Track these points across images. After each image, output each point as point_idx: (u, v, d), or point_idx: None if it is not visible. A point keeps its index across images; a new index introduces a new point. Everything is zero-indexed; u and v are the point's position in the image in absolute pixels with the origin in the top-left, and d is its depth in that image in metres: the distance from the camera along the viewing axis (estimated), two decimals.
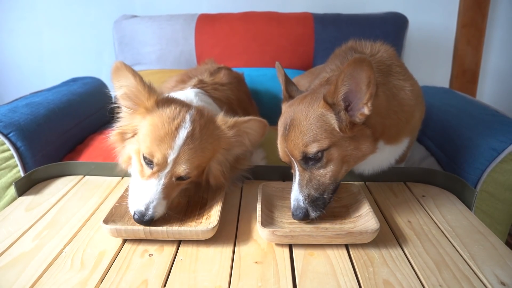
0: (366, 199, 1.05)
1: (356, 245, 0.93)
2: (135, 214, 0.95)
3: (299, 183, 0.98)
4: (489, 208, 1.37)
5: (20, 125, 1.40)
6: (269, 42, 2.16)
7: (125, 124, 1.08)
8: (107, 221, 0.94)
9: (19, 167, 1.38)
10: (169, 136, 0.98)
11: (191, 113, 1.05)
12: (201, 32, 2.18)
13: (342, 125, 0.95)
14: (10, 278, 0.81)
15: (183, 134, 0.99)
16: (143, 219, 0.94)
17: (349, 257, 0.89)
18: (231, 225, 1.03)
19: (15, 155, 1.36)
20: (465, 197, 1.16)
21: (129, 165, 1.14)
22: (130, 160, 1.11)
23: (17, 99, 1.64)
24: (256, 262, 0.87)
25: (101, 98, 2.04)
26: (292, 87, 1.13)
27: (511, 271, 0.84)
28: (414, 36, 2.44)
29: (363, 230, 0.92)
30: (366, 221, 0.96)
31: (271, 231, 0.90)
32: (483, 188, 1.34)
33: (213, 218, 0.99)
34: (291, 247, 0.93)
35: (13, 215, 1.08)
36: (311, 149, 0.94)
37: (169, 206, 1.01)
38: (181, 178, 1.02)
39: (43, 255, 0.89)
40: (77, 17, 2.56)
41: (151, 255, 0.90)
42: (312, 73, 1.74)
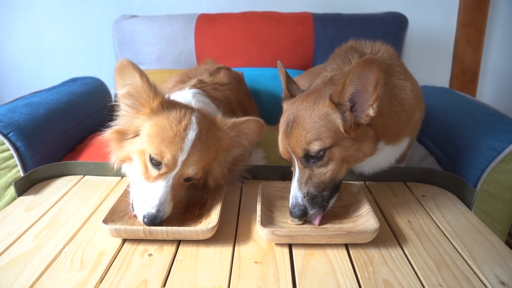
0: (366, 198, 1.05)
1: (356, 245, 0.93)
2: (145, 217, 0.93)
3: (298, 180, 0.97)
4: (489, 207, 1.37)
5: (19, 125, 1.40)
6: (269, 42, 2.16)
7: (126, 123, 1.07)
8: (106, 221, 0.94)
9: (19, 167, 1.38)
10: (179, 137, 0.98)
11: (196, 115, 1.05)
12: (200, 32, 2.18)
13: (346, 125, 0.95)
14: (10, 278, 0.81)
15: (191, 135, 1.00)
16: (155, 222, 0.93)
17: (349, 257, 0.89)
18: (231, 225, 1.03)
19: (15, 155, 1.36)
20: (465, 197, 1.16)
21: (122, 163, 1.13)
22: (126, 160, 1.10)
23: (16, 99, 1.64)
24: (256, 262, 0.87)
25: (101, 98, 2.04)
26: (293, 85, 1.13)
27: (511, 270, 0.83)
28: (414, 36, 2.44)
29: (363, 229, 0.92)
30: (366, 220, 0.96)
31: (271, 231, 0.90)
32: (483, 187, 1.34)
33: (213, 218, 0.99)
34: (291, 247, 0.93)
35: (12, 215, 1.08)
36: (314, 147, 0.94)
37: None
38: (189, 179, 1.02)
39: (43, 255, 0.89)
40: (77, 17, 2.56)
41: (150, 255, 0.89)
42: (311, 73, 1.74)
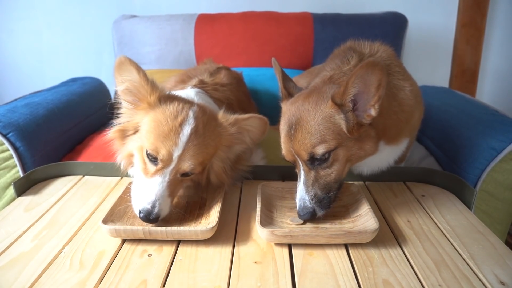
0: (365, 199, 1.05)
1: (355, 245, 0.93)
2: (140, 212, 0.94)
3: (304, 183, 0.97)
4: (489, 207, 1.37)
5: (19, 125, 1.40)
6: (268, 42, 2.16)
7: (126, 120, 1.08)
8: (106, 221, 0.94)
9: (18, 167, 1.38)
10: (174, 132, 0.98)
11: (194, 109, 1.05)
12: (200, 32, 2.18)
13: (349, 126, 0.95)
14: (9, 278, 0.81)
15: (187, 130, 0.99)
16: (149, 218, 0.93)
17: (349, 257, 0.89)
18: (231, 225, 1.03)
19: (14, 155, 1.36)
20: (465, 196, 1.16)
21: (129, 165, 1.14)
22: (130, 158, 1.11)
23: (16, 99, 1.64)
24: (255, 262, 0.87)
25: (100, 98, 2.04)
26: (289, 83, 1.12)
27: (511, 270, 0.83)
28: (413, 36, 2.44)
29: (362, 230, 0.91)
30: (365, 220, 0.96)
31: (271, 231, 0.90)
32: (482, 187, 1.34)
33: (212, 218, 0.99)
34: (290, 247, 0.93)
35: (12, 215, 1.08)
36: (319, 150, 0.94)
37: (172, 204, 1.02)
38: (186, 174, 1.02)
39: (42, 255, 0.89)
40: (77, 17, 2.56)
41: (150, 255, 0.89)
42: (310, 73, 1.74)
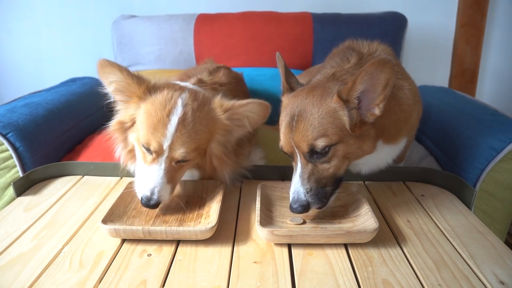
0: (365, 198, 1.05)
1: (355, 245, 0.93)
2: (142, 199, 0.99)
3: (300, 176, 0.96)
4: (489, 207, 1.37)
5: (19, 126, 1.40)
6: (268, 41, 2.16)
7: (123, 114, 1.11)
8: (105, 221, 0.94)
9: (18, 168, 1.38)
10: (162, 123, 1.01)
11: (184, 96, 1.06)
12: (200, 32, 2.18)
13: (352, 123, 0.95)
14: (9, 278, 0.81)
15: (174, 120, 1.02)
16: (149, 204, 0.98)
17: (348, 256, 0.89)
18: (230, 225, 1.03)
19: (14, 155, 1.36)
20: (465, 196, 1.16)
21: (128, 160, 1.17)
22: (131, 153, 1.14)
23: (16, 99, 1.64)
24: (255, 262, 0.87)
25: (100, 98, 2.04)
26: (292, 78, 1.11)
27: (511, 270, 0.83)
28: (413, 35, 2.44)
29: (362, 229, 0.91)
30: (365, 220, 0.96)
31: (270, 230, 0.90)
32: (482, 187, 1.34)
33: (212, 218, 0.99)
34: (290, 246, 0.93)
35: (11, 215, 1.08)
36: (320, 143, 0.93)
37: (174, 191, 1.05)
38: (181, 161, 1.04)
39: (42, 255, 0.89)
40: (76, 17, 2.56)
41: (149, 255, 0.89)
42: (309, 73, 1.74)
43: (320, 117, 0.94)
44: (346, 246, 0.93)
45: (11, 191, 1.36)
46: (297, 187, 0.96)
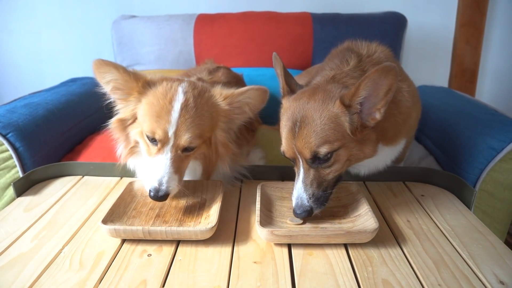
0: (365, 198, 1.05)
1: (355, 245, 0.93)
2: (150, 191, 0.98)
3: (303, 181, 0.97)
4: (488, 207, 1.37)
5: (18, 126, 1.40)
6: (268, 42, 2.16)
7: (124, 112, 1.12)
8: (105, 221, 0.94)
9: (18, 168, 1.38)
10: (165, 111, 1.01)
11: (183, 85, 1.07)
12: (200, 32, 2.18)
13: (353, 127, 0.95)
14: (9, 278, 0.81)
15: (177, 106, 1.02)
16: (158, 195, 0.97)
17: (348, 256, 0.89)
18: (230, 225, 1.03)
19: (14, 155, 1.36)
20: (464, 196, 1.16)
21: (128, 155, 1.17)
22: (132, 149, 1.14)
23: (15, 100, 1.64)
24: (255, 262, 0.87)
25: (100, 98, 2.04)
26: (291, 80, 1.11)
27: (510, 270, 0.84)
28: (413, 35, 2.44)
29: (362, 229, 0.92)
30: (365, 220, 0.96)
31: (270, 231, 0.90)
32: (482, 187, 1.34)
33: (212, 218, 0.99)
34: (290, 247, 0.93)
35: (11, 215, 1.08)
36: (323, 150, 0.93)
37: (181, 182, 1.05)
38: (187, 149, 1.04)
39: (42, 256, 0.89)
40: (76, 17, 2.56)
41: (149, 255, 0.89)
42: (309, 73, 1.74)
43: (322, 123, 0.94)
44: (346, 246, 0.93)
45: (11, 191, 1.37)
46: (300, 192, 0.96)
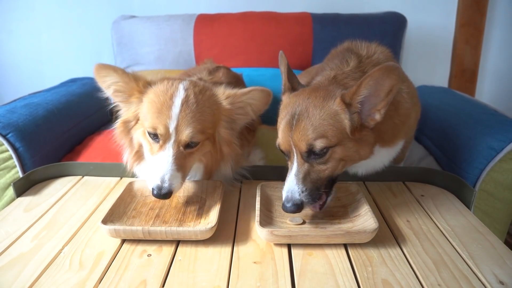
0: (364, 198, 1.05)
1: (355, 245, 0.93)
2: (153, 190, 0.97)
3: (296, 175, 0.96)
4: (488, 207, 1.37)
5: (18, 126, 1.40)
6: (267, 42, 2.16)
7: (126, 114, 1.13)
8: (105, 221, 0.94)
9: (18, 168, 1.38)
10: (166, 106, 1.02)
11: (185, 83, 1.08)
12: (199, 32, 2.18)
13: (353, 126, 0.95)
14: (9, 278, 0.81)
15: (178, 101, 1.03)
16: (161, 193, 0.96)
17: (348, 256, 0.89)
18: (230, 225, 1.03)
19: (14, 155, 1.36)
20: (464, 196, 1.16)
21: (135, 162, 1.18)
22: (137, 154, 1.15)
23: (15, 100, 1.64)
24: (254, 262, 0.87)
25: (99, 99, 2.04)
26: (293, 78, 1.11)
27: (510, 270, 0.84)
28: (413, 35, 2.44)
29: (361, 229, 0.92)
30: (364, 220, 0.96)
31: (270, 231, 0.90)
32: (482, 187, 1.34)
33: (212, 218, 0.99)
34: (289, 247, 0.93)
35: (11, 215, 1.08)
36: (319, 144, 0.93)
37: (184, 180, 1.05)
38: (189, 145, 1.04)
39: (42, 256, 0.89)
40: (76, 17, 2.56)
41: (149, 255, 0.89)
42: (308, 73, 1.74)
43: (321, 118, 0.94)
44: (345, 246, 0.93)
45: (11, 191, 1.37)
46: (292, 186, 0.95)
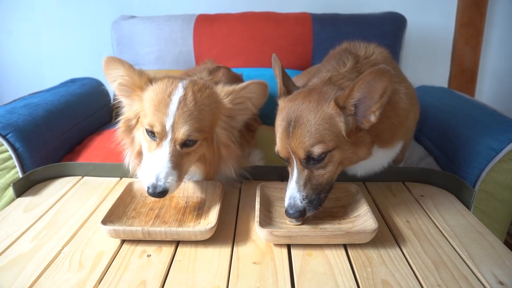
0: (364, 199, 1.05)
1: (354, 245, 0.93)
2: (148, 188, 0.96)
3: (297, 182, 0.97)
4: (488, 207, 1.37)
5: (18, 126, 1.40)
6: (267, 42, 2.16)
7: (128, 112, 1.14)
8: (105, 221, 0.94)
9: (18, 168, 1.38)
10: (163, 104, 1.02)
11: (184, 82, 1.09)
12: (199, 32, 2.18)
13: (348, 129, 0.95)
14: (8, 279, 0.81)
15: (175, 99, 1.03)
16: (155, 191, 0.95)
17: (348, 257, 0.89)
18: (230, 225, 1.03)
19: (14, 156, 1.36)
20: (464, 196, 1.16)
21: (138, 165, 1.18)
22: (139, 156, 1.15)
23: (15, 100, 1.64)
24: (254, 262, 0.87)
25: (99, 99, 2.04)
26: (288, 81, 1.11)
27: (510, 270, 0.84)
28: (412, 36, 2.44)
29: (361, 230, 0.92)
30: (364, 221, 0.96)
31: (270, 231, 0.90)
32: (481, 187, 1.35)
33: (211, 218, 0.99)
34: (289, 247, 0.93)
35: (11, 216, 1.08)
36: (317, 150, 0.93)
37: (182, 179, 1.04)
38: (186, 144, 1.04)
39: (42, 256, 0.89)
40: (76, 17, 2.56)
41: (149, 255, 0.90)
42: (309, 73, 1.74)
43: (317, 123, 0.94)
44: (345, 246, 0.93)
45: (10, 191, 1.36)
46: (294, 192, 0.96)
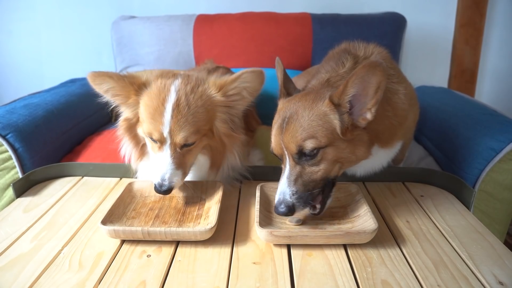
0: (364, 199, 1.05)
1: (354, 245, 0.93)
2: (155, 186, 1.04)
3: (288, 177, 0.95)
4: (488, 207, 1.37)
5: (18, 127, 1.40)
6: (267, 42, 2.16)
7: (127, 113, 1.15)
8: (105, 222, 0.94)
9: (17, 169, 1.38)
10: (158, 112, 1.04)
11: (176, 83, 1.09)
12: (199, 32, 2.18)
13: (343, 127, 0.94)
14: (8, 279, 0.81)
15: (169, 107, 1.04)
16: (161, 190, 1.03)
17: (347, 257, 0.89)
18: (229, 225, 1.03)
19: (13, 156, 1.36)
20: (464, 197, 1.16)
21: (138, 158, 1.20)
22: (141, 150, 1.18)
23: (15, 100, 1.64)
24: (254, 262, 0.87)
25: (99, 99, 2.04)
26: (289, 84, 1.12)
27: (510, 270, 0.84)
28: (412, 36, 2.44)
29: (361, 230, 0.92)
30: (364, 221, 0.96)
31: (269, 231, 0.90)
32: (481, 187, 1.35)
33: (211, 218, 0.99)
34: (289, 247, 0.93)
35: (11, 216, 1.08)
36: (309, 145, 0.93)
37: (186, 175, 1.10)
38: (185, 145, 1.06)
39: (41, 256, 0.89)
40: (76, 18, 2.56)
41: (149, 256, 0.90)
42: (308, 73, 1.74)
43: (310, 119, 0.94)
44: (345, 246, 0.93)
45: (10, 192, 1.36)
46: (284, 188, 0.95)
